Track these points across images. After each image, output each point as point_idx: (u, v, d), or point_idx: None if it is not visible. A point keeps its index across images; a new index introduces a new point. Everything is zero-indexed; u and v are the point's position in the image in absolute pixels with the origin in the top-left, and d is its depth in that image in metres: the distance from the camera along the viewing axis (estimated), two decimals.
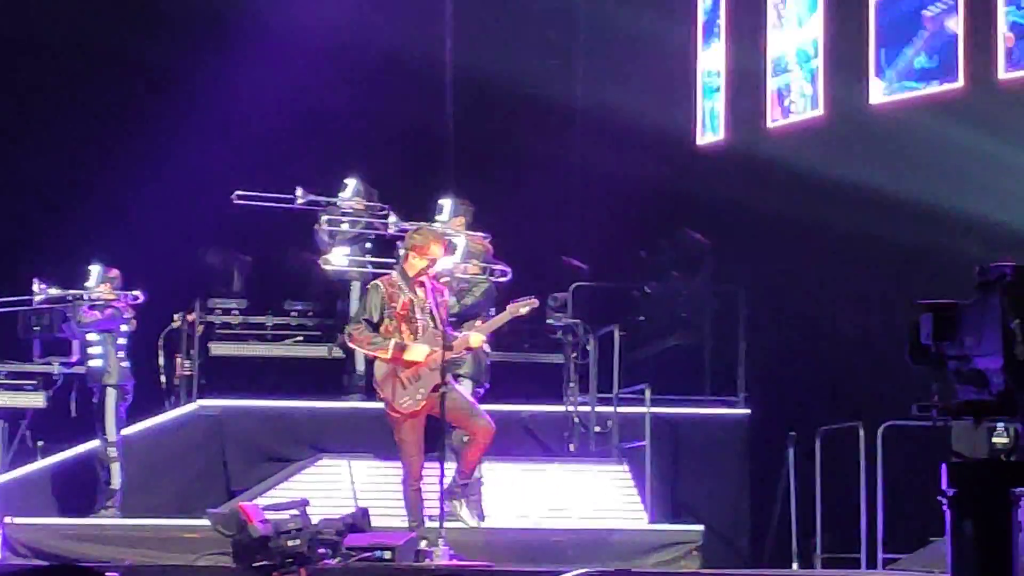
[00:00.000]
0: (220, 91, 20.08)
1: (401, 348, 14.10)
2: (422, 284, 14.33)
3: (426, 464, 14.95)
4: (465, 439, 15.02)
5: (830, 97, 19.20)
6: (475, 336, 14.61)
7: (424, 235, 14.63)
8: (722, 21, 20.74)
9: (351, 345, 15.01)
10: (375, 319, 14.25)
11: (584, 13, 21.24)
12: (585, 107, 20.74)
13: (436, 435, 14.67)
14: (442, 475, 14.38)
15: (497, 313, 15.98)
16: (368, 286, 14.93)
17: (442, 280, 14.97)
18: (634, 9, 20.58)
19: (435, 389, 14.15)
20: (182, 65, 20.48)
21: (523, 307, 14.82)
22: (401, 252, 14.98)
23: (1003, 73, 17.42)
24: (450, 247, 15.28)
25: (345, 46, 20.11)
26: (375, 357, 14.42)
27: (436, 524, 14.25)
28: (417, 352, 14.11)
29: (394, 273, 14.49)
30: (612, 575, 12.10)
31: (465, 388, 15.28)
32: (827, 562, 15.83)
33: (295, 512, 14.36)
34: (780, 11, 19.85)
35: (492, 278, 15.75)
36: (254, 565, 13.69)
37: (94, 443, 16.36)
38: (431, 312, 14.24)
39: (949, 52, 18.14)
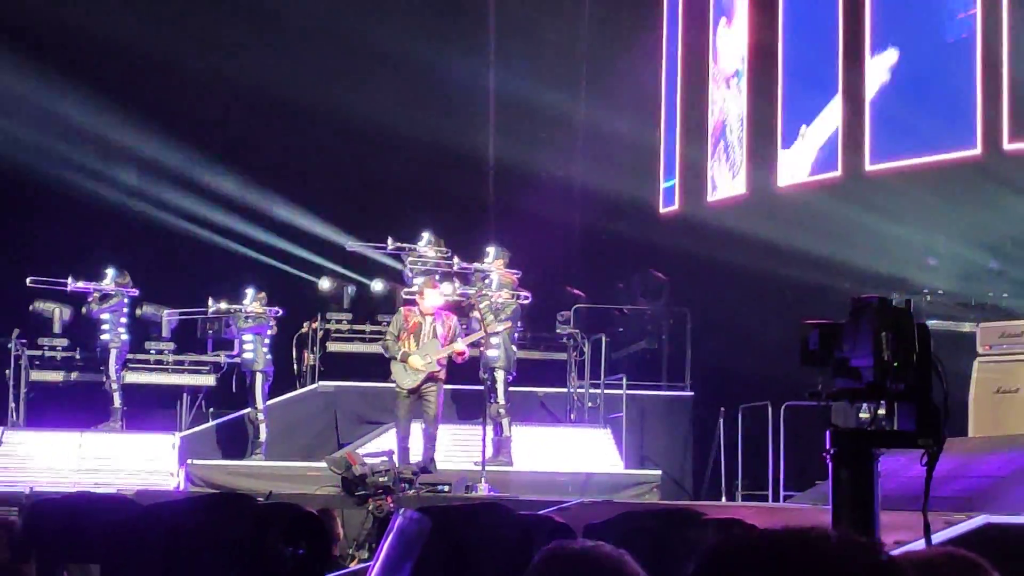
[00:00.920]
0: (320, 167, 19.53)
1: (405, 355, 14.69)
2: (430, 312, 14.83)
3: (471, 426, 15.53)
4: (501, 412, 15.41)
5: (749, 181, 18.91)
6: (459, 343, 14.84)
7: (422, 284, 15.17)
8: (679, 119, 20.52)
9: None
10: (396, 333, 14.89)
11: (583, 121, 20.94)
12: (583, 186, 20.53)
13: (480, 405, 15.11)
14: (484, 436, 14.70)
15: (523, 326, 16.39)
16: (395, 312, 15.49)
17: (483, 304, 15.26)
18: (614, 113, 19.88)
19: (428, 379, 14.68)
20: (295, 144, 19.47)
21: (473, 338, 15.27)
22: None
23: (869, 166, 17.53)
24: (438, 288, 15.26)
25: (421, 143, 18.83)
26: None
27: (479, 468, 14.43)
28: (414, 360, 14.66)
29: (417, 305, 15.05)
30: (600, 505, 11.93)
31: (499, 375, 15.40)
32: (745, 496, 15.63)
33: (384, 458, 14.53)
34: (717, 115, 19.76)
35: (519, 301, 15.90)
36: (356, 494, 13.86)
37: (247, 410, 16.22)
38: (433, 330, 14.76)
39: (831, 148, 17.89)
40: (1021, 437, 11.98)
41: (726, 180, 19.43)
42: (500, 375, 15.43)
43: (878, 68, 17.36)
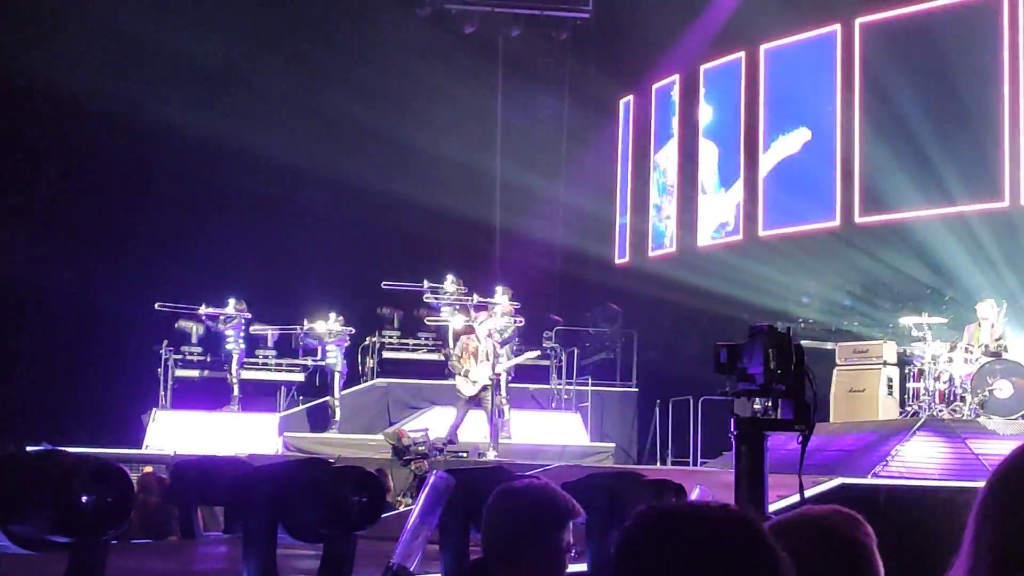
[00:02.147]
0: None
1: (467, 372, 14.49)
2: (487, 335, 14.64)
3: (482, 411, 14.99)
4: (504, 401, 15.18)
5: (678, 241, 18.93)
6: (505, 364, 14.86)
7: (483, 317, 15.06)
8: (629, 197, 20.30)
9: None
10: (459, 354, 14.70)
11: (561, 199, 20.56)
12: (561, 244, 20.51)
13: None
14: (492, 418, 14.66)
15: (520, 341, 16.34)
16: (460, 338, 15.14)
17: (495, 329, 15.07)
18: (583, 193, 19.74)
19: (483, 388, 14.47)
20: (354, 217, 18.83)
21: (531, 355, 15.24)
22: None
23: (762, 231, 17.56)
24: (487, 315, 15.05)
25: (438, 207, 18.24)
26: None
27: (488, 440, 14.49)
28: (474, 374, 14.46)
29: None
30: (572, 468, 11.87)
31: (503, 377, 15.09)
32: (674, 462, 15.44)
33: (421, 433, 14.55)
34: (657, 188, 19.85)
35: (516, 324, 15.87)
36: (403, 458, 13.89)
37: (326, 398, 16.22)
38: (486, 352, 14.50)
39: (734, 216, 17.76)
40: (866, 423, 12.00)
41: (662, 239, 19.46)
42: (503, 376, 15.26)
43: (769, 157, 17.38)
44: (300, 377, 17.03)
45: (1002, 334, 12.25)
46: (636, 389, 17.83)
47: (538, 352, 15.66)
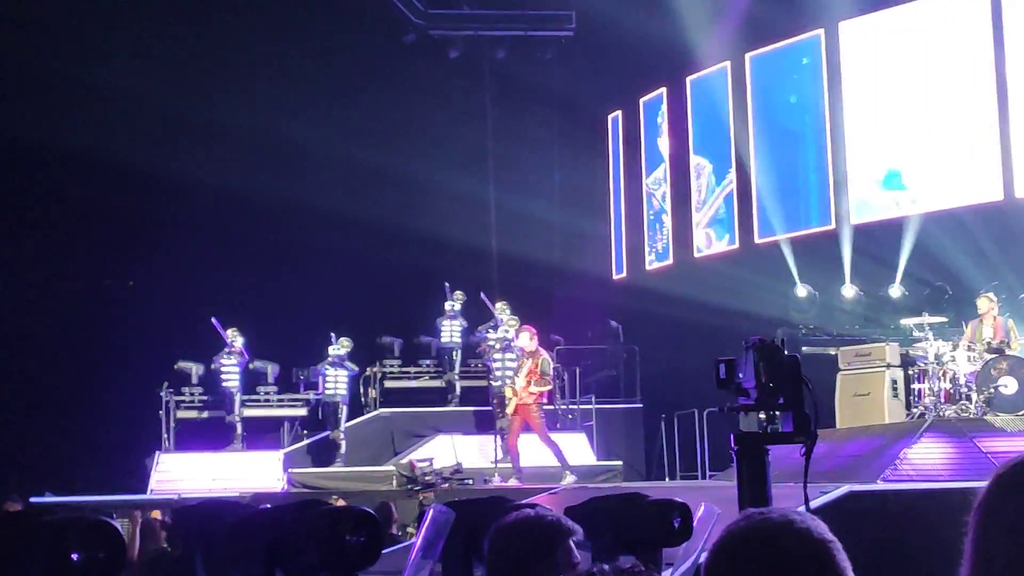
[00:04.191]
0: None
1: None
2: (528, 353, 14.22)
3: (486, 436, 15.09)
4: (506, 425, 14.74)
5: (675, 253, 19.02)
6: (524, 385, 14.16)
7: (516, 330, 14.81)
8: (623, 212, 20.31)
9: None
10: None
11: (558, 222, 20.27)
12: (559, 265, 20.67)
13: (492, 421, 14.98)
14: (496, 442, 14.61)
15: None
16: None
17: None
18: (579, 214, 20.00)
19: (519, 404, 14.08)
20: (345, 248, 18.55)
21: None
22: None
23: (758, 239, 17.58)
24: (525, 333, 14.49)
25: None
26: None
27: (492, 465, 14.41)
28: (507, 391, 14.24)
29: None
30: (577, 490, 11.62)
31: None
32: (682, 476, 15.40)
33: (427, 462, 14.53)
34: (652, 203, 19.97)
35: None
36: (410, 487, 13.88)
37: (329, 432, 16.08)
38: (526, 368, 14.07)
39: (727, 224, 18.00)
40: (872, 427, 11.94)
41: (658, 254, 19.46)
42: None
43: (760, 165, 17.39)
44: (302, 412, 16.97)
45: (1010, 329, 12.20)
46: (640, 405, 17.73)
47: (551, 386, 15.42)
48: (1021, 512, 1.74)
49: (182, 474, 15.45)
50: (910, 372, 12.44)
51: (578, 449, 16.29)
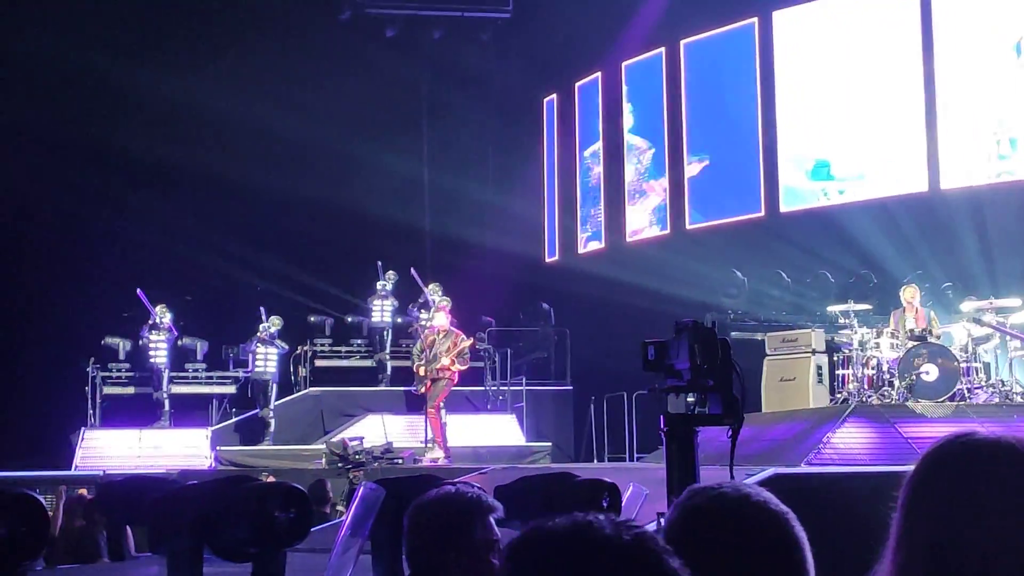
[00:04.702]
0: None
1: (418, 367, 14.37)
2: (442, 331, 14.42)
3: (419, 415, 15.05)
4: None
5: (607, 237, 19.04)
6: (444, 360, 14.41)
7: (434, 309, 14.88)
8: (556, 195, 20.17)
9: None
10: (419, 350, 14.51)
11: (491, 203, 20.03)
12: (493, 247, 20.51)
13: (423, 401, 14.94)
14: (427, 423, 14.59)
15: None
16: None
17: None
18: (513, 197, 19.84)
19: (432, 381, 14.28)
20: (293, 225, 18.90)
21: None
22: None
23: (689, 225, 17.68)
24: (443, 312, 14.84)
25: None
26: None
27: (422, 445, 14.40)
28: (420, 369, 14.32)
29: None
30: (507, 470, 11.07)
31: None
32: (610, 458, 15.54)
33: (358, 441, 14.46)
34: (589, 177, 20.03)
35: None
36: (339, 465, 13.81)
37: (258, 410, 16.03)
38: (441, 345, 14.28)
39: (660, 210, 18.09)
40: (798, 412, 12.11)
41: (591, 238, 19.52)
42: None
43: (694, 151, 17.49)
44: (231, 389, 16.79)
45: (932, 318, 12.43)
46: (571, 387, 17.80)
47: (472, 340, 15.47)
48: (946, 492, 1.77)
49: (108, 451, 15.24)
50: (835, 358, 12.63)
51: (508, 430, 16.39)
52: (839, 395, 12.29)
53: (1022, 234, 13.77)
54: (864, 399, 11.80)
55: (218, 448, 15.33)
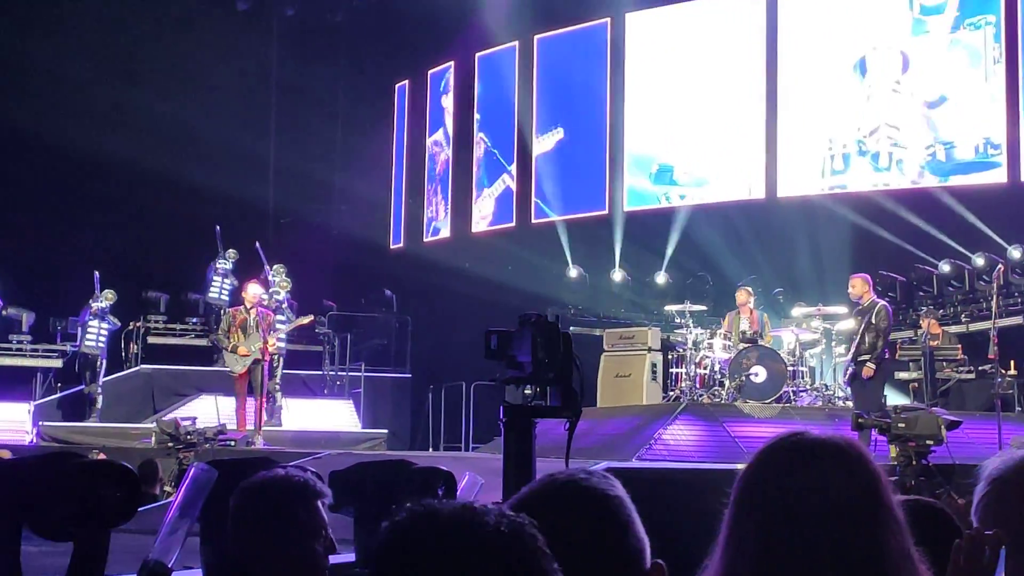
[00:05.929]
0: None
1: (235, 347, 13.52)
2: (254, 307, 13.72)
3: (252, 398, 14.99)
4: (276, 387, 14.58)
5: (453, 227, 19.17)
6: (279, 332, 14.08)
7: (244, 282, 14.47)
8: (404, 183, 20.19)
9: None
10: (226, 329, 13.59)
11: (337, 185, 20.32)
12: (336, 229, 20.35)
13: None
14: (261, 404, 14.30)
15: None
16: (227, 311, 14.18)
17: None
18: (359, 179, 19.54)
19: (254, 363, 13.66)
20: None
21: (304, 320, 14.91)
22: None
23: (534, 219, 17.83)
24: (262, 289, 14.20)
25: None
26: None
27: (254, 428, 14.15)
28: (244, 348, 13.63)
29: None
30: (342, 456, 11.19)
31: (278, 361, 14.53)
32: (446, 447, 15.58)
33: (190, 421, 14.09)
34: (435, 164, 20.07)
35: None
36: (169, 445, 13.44)
37: (84, 386, 15.34)
38: (256, 324, 13.49)
39: (507, 203, 18.33)
40: (631, 407, 12.36)
41: (437, 226, 19.53)
42: (279, 361, 14.74)
43: (542, 146, 17.64)
44: (57, 363, 16.31)
45: (765, 322, 12.82)
46: (410, 375, 17.73)
47: (312, 317, 15.27)
48: (774, 490, 1.81)
49: None
50: (669, 356, 12.93)
51: (344, 416, 16.23)
52: (672, 393, 12.58)
53: (851, 245, 14.32)
54: (695, 398, 12.10)
55: (41, 423, 14.71)
